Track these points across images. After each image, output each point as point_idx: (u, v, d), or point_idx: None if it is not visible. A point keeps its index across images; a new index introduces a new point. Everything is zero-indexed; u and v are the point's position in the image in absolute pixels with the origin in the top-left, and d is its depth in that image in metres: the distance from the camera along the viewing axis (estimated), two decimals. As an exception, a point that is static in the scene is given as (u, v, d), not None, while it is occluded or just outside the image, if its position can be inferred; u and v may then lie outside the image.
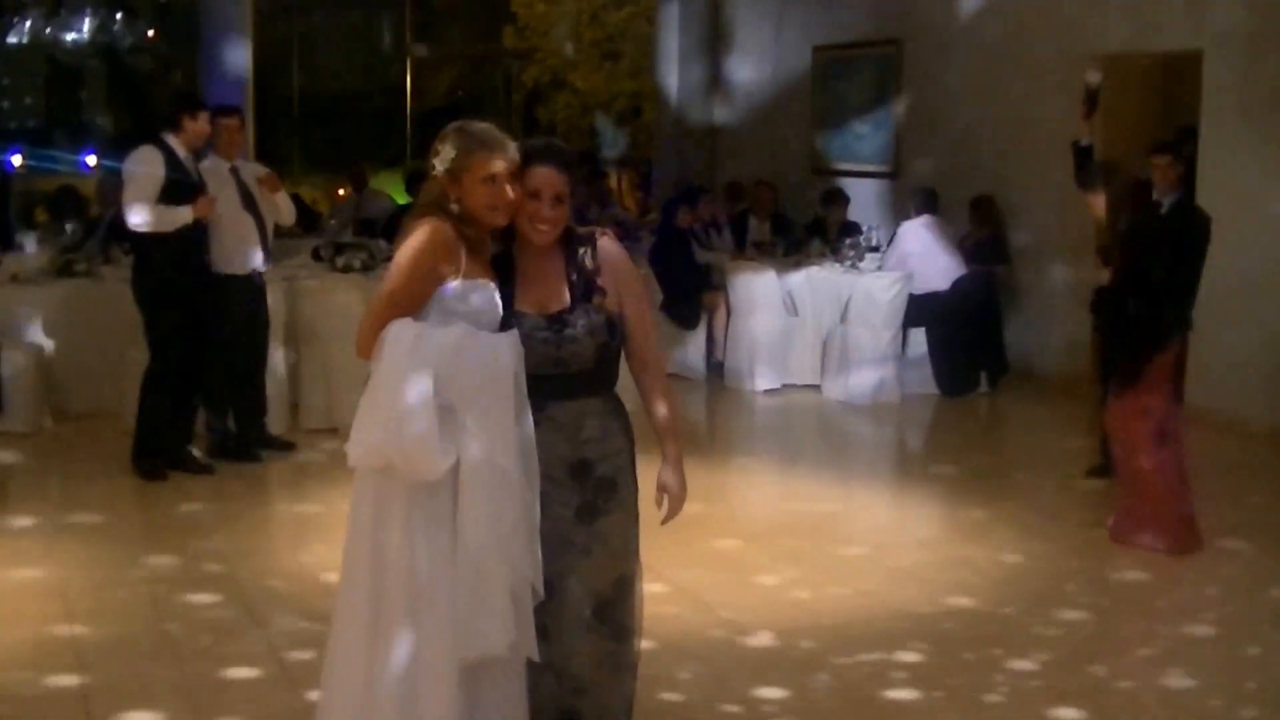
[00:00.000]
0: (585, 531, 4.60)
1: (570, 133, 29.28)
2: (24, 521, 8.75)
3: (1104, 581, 8.04)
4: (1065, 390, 13.55)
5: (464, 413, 4.33)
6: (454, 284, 4.44)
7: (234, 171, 9.89)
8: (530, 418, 4.43)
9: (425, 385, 4.29)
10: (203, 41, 17.94)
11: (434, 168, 4.54)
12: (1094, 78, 10.06)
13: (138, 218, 9.33)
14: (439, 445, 4.29)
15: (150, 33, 27.57)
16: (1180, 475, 8.66)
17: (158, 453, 9.63)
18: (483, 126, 4.58)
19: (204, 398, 9.92)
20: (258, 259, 9.99)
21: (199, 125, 9.49)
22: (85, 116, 29.41)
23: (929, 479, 10.46)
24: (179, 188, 9.39)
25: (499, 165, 4.48)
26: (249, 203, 9.92)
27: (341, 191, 19.48)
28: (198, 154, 9.68)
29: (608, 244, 4.69)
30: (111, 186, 14.51)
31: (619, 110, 28.44)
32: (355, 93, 28.62)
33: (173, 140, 9.45)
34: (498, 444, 4.35)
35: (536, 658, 4.47)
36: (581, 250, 4.64)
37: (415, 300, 4.43)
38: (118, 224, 13.01)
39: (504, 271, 4.61)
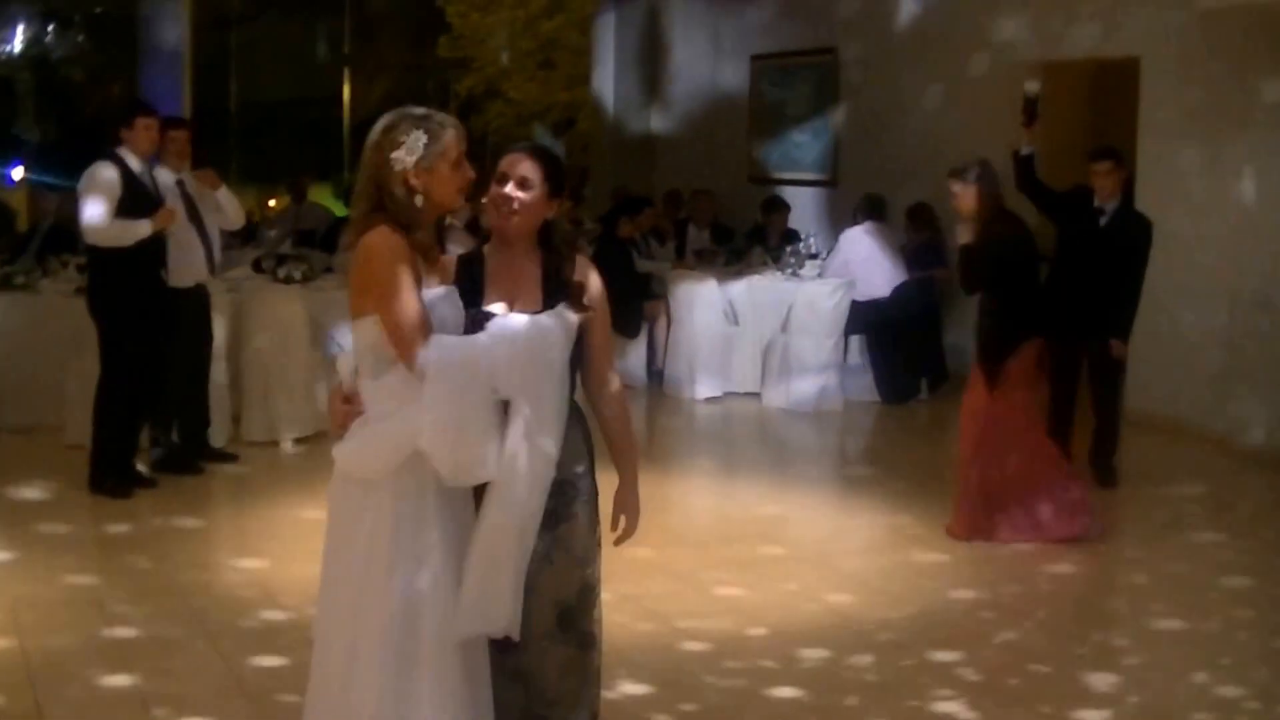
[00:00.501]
0: (548, 538, 4.54)
1: (504, 143, 29.18)
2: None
3: (1041, 582, 8.14)
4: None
5: (515, 399, 4.30)
6: (422, 294, 4.32)
7: (180, 184, 9.82)
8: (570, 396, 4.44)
9: (486, 400, 4.25)
10: (140, 53, 17.88)
11: (397, 162, 4.27)
12: (1033, 87, 10.15)
13: (95, 233, 9.26)
14: (495, 456, 4.27)
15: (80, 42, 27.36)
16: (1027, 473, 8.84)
17: (120, 470, 9.53)
18: (427, 109, 4.42)
19: (149, 411, 9.84)
20: (202, 272, 9.94)
21: (136, 133, 9.37)
22: (15, 128, 29.09)
23: (869, 485, 10.51)
24: (137, 200, 9.32)
25: (464, 144, 4.37)
26: (194, 215, 9.86)
27: (272, 202, 19.39)
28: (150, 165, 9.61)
29: (588, 262, 4.68)
30: (45, 199, 14.45)
31: (553, 121, 28.39)
32: (291, 103, 28.45)
33: (125, 153, 9.39)
34: (546, 428, 4.33)
35: (516, 636, 4.41)
36: (560, 259, 4.62)
37: (422, 307, 4.29)
38: (53, 236, 13.00)
39: (474, 270, 4.57)
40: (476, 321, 4.44)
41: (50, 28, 27.32)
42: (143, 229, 9.26)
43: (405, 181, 4.27)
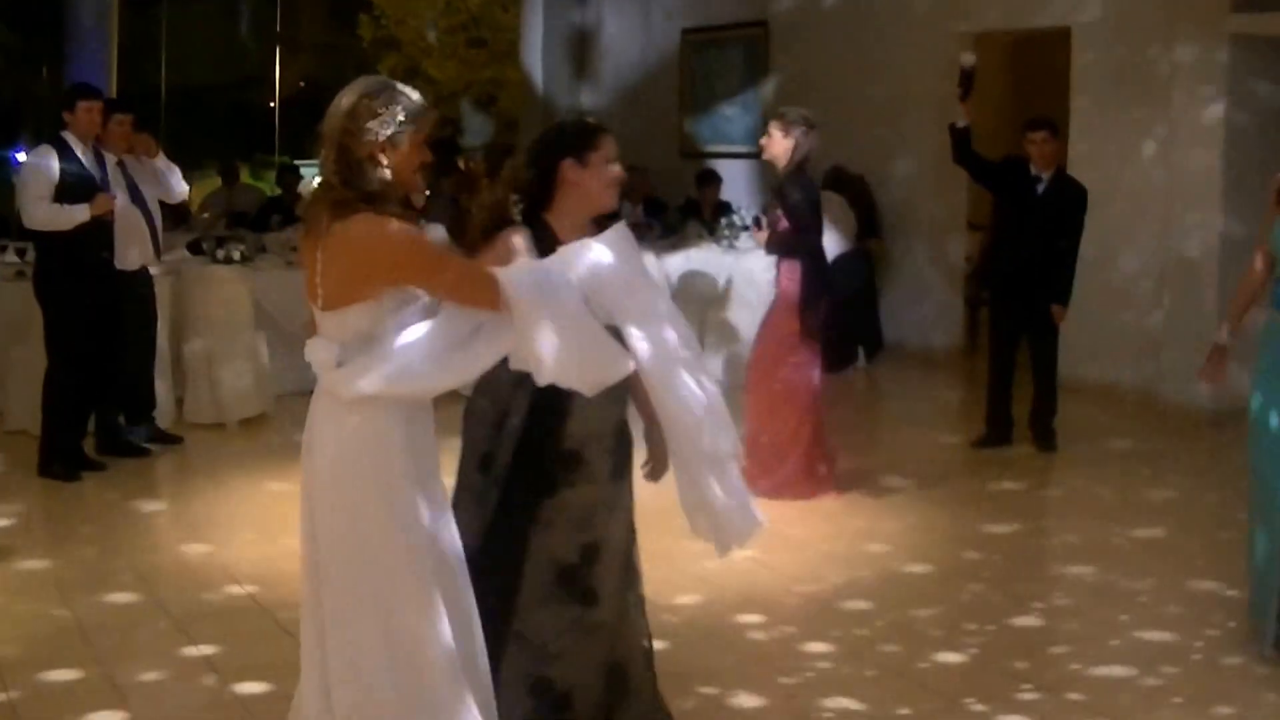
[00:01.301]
0: (549, 504, 4.67)
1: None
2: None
3: (983, 544, 8.26)
4: (937, 363, 13.84)
5: (625, 317, 4.30)
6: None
7: (121, 166, 9.78)
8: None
9: (578, 302, 4.21)
10: (65, 35, 17.72)
11: (370, 131, 4.13)
12: (969, 59, 10.28)
13: (32, 217, 9.22)
14: (619, 347, 4.27)
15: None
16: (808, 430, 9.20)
17: (68, 454, 9.51)
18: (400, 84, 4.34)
19: (97, 394, 9.80)
20: (148, 254, 9.92)
21: (77, 116, 9.33)
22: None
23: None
24: (79, 184, 9.27)
25: (430, 126, 4.28)
26: (138, 197, 9.83)
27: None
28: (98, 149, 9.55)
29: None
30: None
31: (474, 98, 28.34)
32: (220, 85, 28.28)
33: (68, 136, 9.34)
34: (667, 329, 4.33)
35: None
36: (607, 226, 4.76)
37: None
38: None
39: (548, 244, 4.62)
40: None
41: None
42: (80, 214, 9.21)
43: (373, 154, 4.14)
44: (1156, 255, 12.03)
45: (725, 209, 14.83)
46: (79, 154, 9.34)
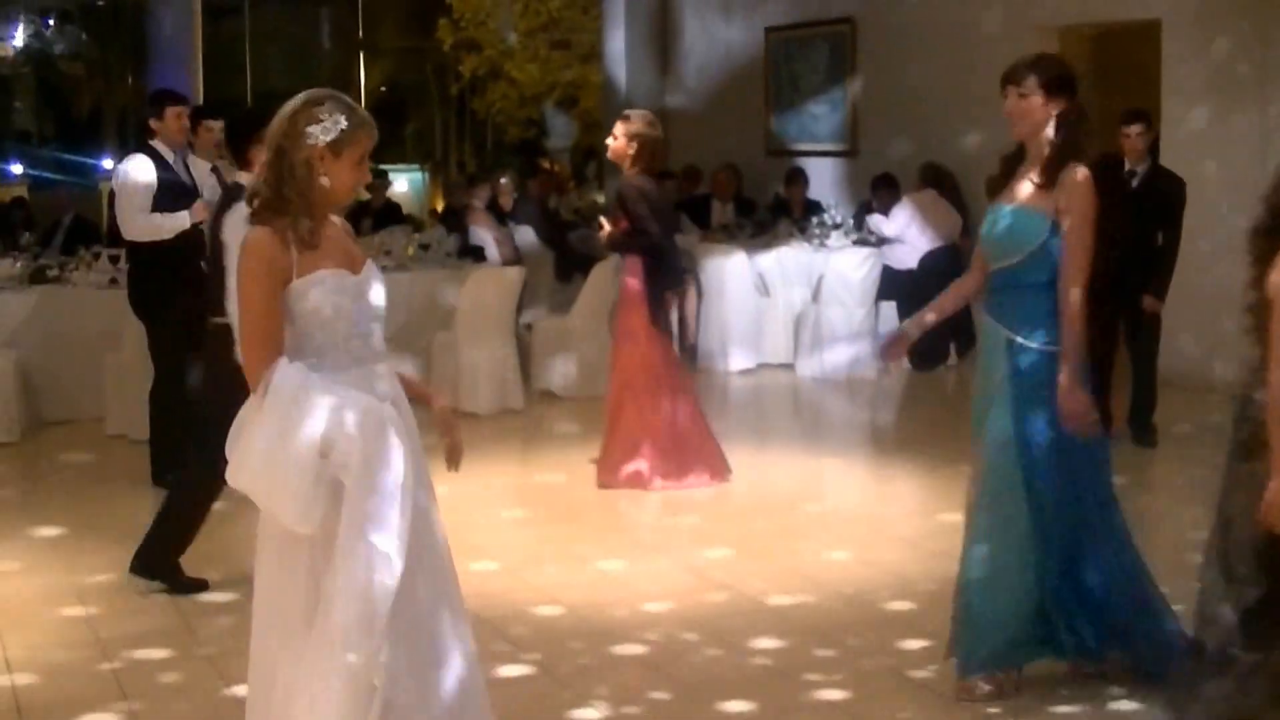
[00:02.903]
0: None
1: (508, 124, 29.18)
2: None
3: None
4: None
5: (349, 479, 4.00)
6: (292, 285, 4.13)
7: (215, 171, 9.82)
8: (427, 491, 4.25)
9: (310, 448, 3.99)
10: (147, 45, 17.90)
11: (310, 136, 4.12)
12: (1054, 58, 10.22)
13: (134, 228, 9.24)
14: (314, 510, 4.01)
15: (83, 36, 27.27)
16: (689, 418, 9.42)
17: (179, 460, 9.51)
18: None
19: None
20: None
21: (167, 123, 9.34)
22: (17, 125, 29.02)
23: (907, 450, 10.58)
24: (173, 192, 9.28)
25: (372, 144, 4.25)
26: (233, 204, 9.89)
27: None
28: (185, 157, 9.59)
29: None
30: (63, 193, 14.46)
31: (556, 100, 28.42)
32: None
33: (158, 144, 9.38)
34: (382, 520, 4.01)
35: None
36: None
37: (276, 319, 4.12)
38: (76, 229, 13.02)
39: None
40: None
41: (50, 23, 27.24)
42: (181, 220, 9.19)
43: (310, 160, 4.13)
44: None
45: (814, 207, 14.81)
46: (170, 161, 9.38)
